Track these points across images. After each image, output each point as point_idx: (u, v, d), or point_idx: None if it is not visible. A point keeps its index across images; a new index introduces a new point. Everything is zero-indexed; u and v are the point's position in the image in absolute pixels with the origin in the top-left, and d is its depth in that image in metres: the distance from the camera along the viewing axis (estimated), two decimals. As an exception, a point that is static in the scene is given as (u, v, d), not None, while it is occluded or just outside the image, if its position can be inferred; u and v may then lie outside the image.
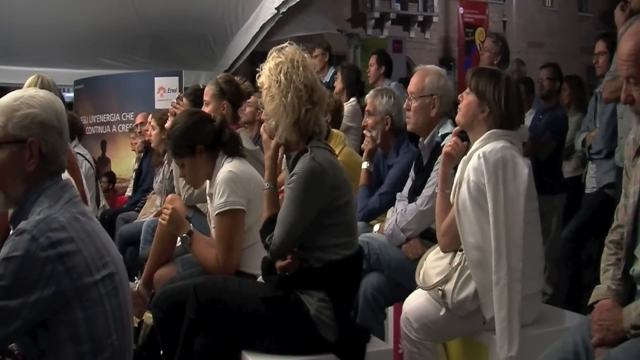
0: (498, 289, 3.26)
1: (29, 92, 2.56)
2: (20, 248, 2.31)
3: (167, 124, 5.64)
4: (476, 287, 3.37)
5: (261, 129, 3.66)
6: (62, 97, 4.68)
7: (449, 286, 3.44)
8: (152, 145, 7.00)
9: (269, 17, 11.11)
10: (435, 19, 22.23)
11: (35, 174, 2.50)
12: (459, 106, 3.65)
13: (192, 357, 3.42)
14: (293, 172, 3.29)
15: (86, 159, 6.98)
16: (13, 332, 2.32)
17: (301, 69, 3.34)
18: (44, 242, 2.32)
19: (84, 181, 5.44)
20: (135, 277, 4.69)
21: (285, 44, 3.46)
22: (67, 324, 2.38)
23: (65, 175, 3.77)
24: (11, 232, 2.47)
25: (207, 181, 4.17)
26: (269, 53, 3.45)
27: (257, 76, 3.45)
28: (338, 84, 7.78)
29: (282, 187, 3.62)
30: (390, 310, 4.13)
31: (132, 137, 8.90)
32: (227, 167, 3.99)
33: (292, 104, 3.32)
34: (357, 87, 7.88)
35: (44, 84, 4.86)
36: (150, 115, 7.25)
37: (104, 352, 2.46)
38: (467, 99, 3.57)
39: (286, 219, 3.28)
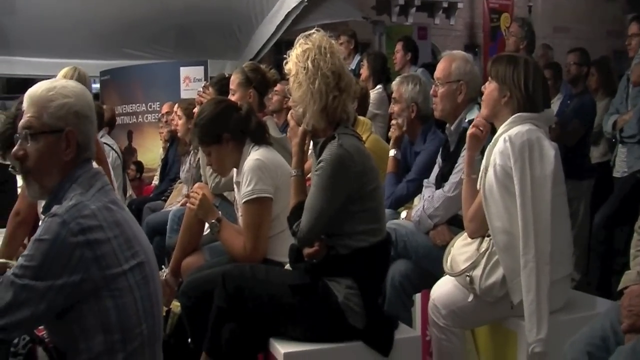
0: (526, 272, 3.24)
1: (60, 83, 2.58)
2: (51, 231, 2.35)
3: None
4: (504, 271, 3.35)
5: (288, 116, 3.66)
6: (90, 89, 4.70)
7: (477, 272, 3.43)
8: (179, 134, 7.02)
9: (294, 5, 11.14)
10: (460, 5, 22.04)
11: (70, 163, 2.54)
12: (482, 98, 3.63)
13: (220, 345, 3.42)
14: (320, 158, 3.29)
15: (113, 149, 7.03)
16: (40, 314, 2.35)
17: (328, 55, 3.33)
18: (74, 228, 2.35)
19: (111, 171, 5.47)
20: (163, 266, 4.71)
21: (312, 30, 3.45)
22: (97, 313, 2.41)
23: (94, 165, 3.82)
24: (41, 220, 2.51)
25: (234, 169, 4.17)
26: (296, 40, 3.44)
27: (284, 63, 3.44)
28: (364, 71, 7.76)
29: (309, 175, 3.63)
30: (417, 297, 4.12)
31: (160, 126, 8.95)
32: (254, 155, 3.99)
33: (320, 91, 3.31)
34: (383, 74, 7.86)
35: (80, 77, 4.88)
36: (177, 105, 7.27)
37: (134, 341, 2.48)
38: (488, 87, 3.56)
39: (314, 206, 3.28)
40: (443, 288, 3.63)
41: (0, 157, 4.77)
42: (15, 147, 2.56)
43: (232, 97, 5.04)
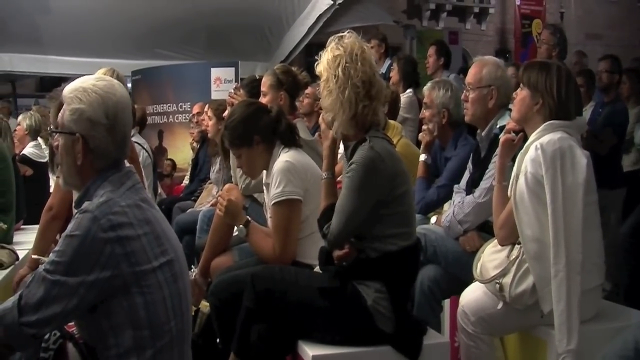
0: (557, 281, 3.22)
1: (87, 84, 2.58)
2: (82, 227, 2.37)
3: (225, 114, 5.68)
4: (534, 280, 3.33)
5: (320, 118, 3.66)
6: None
7: (507, 279, 3.41)
8: (209, 135, 7.04)
9: (325, 8, 11.15)
10: (491, 11, 21.97)
11: (86, 167, 2.55)
12: (513, 103, 3.62)
13: (248, 346, 3.44)
14: (352, 161, 3.28)
15: (144, 148, 7.05)
16: (71, 309, 2.37)
17: (359, 63, 3.31)
18: (104, 224, 2.37)
19: (142, 171, 5.51)
20: (192, 266, 4.73)
21: (345, 33, 3.43)
22: (126, 309, 2.42)
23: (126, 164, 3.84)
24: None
25: (264, 171, 4.18)
26: (329, 41, 3.42)
27: (315, 65, 3.43)
28: (394, 75, 7.75)
29: (340, 177, 3.63)
30: (446, 303, 4.11)
31: (191, 126, 9.00)
32: (284, 157, 4.00)
33: (350, 100, 3.31)
34: (413, 78, 7.84)
35: (117, 79, 4.89)
36: (207, 106, 7.29)
37: (163, 337, 2.49)
38: (520, 94, 3.54)
39: (344, 208, 3.28)
40: (472, 294, 3.62)
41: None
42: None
43: (263, 99, 5.05)
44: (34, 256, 5.31)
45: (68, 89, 2.58)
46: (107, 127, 2.53)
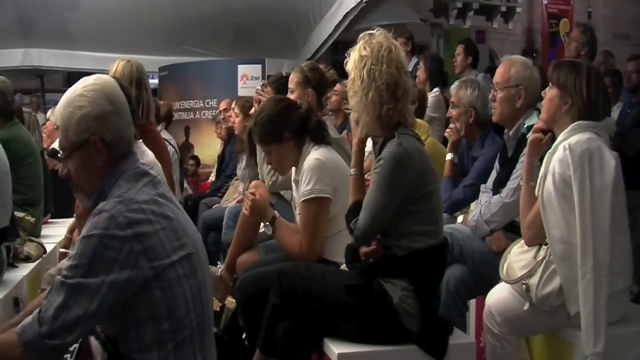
0: (584, 283, 3.20)
1: (76, 92, 2.57)
2: (99, 227, 2.36)
3: (252, 111, 5.69)
4: (561, 281, 3.31)
5: (351, 116, 3.65)
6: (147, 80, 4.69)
7: (534, 280, 3.39)
8: (236, 132, 7.05)
9: (352, 6, 11.13)
10: (518, 10, 21.78)
11: (107, 164, 2.55)
12: (542, 103, 3.60)
13: (274, 343, 3.45)
14: (380, 157, 3.28)
15: (170, 143, 7.09)
16: (93, 312, 2.35)
17: (385, 65, 3.29)
18: (122, 222, 2.36)
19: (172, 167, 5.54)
20: (218, 262, 4.75)
21: (376, 30, 3.42)
22: (147, 303, 2.42)
23: (151, 158, 3.85)
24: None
25: (293, 168, 4.19)
26: (359, 38, 3.41)
27: (344, 62, 3.43)
28: (421, 74, 7.74)
29: (368, 174, 3.63)
30: (472, 302, 4.10)
31: (215, 123, 9.02)
32: (314, 155, 4.00)
33: (373, 103, 3.31)
34: (440, 77, 7.83)
35: (138, 70, 4.88)
36: (234, 102, 7.31)
37: (184, 330, 2.50)
38: (549, 93, 3.51)
39: (372, 204, 3.28)
40: (499, 295, 3.61)
41: None
42: (60, 169, 2.62)
43: (291, 96, 5.05)
44: (61, 249, 5.39)
45: (59, 111, 2.57)
46: (115, 112, 2.54)
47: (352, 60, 3.38)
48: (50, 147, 7.64)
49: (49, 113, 8.38)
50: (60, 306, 2.32)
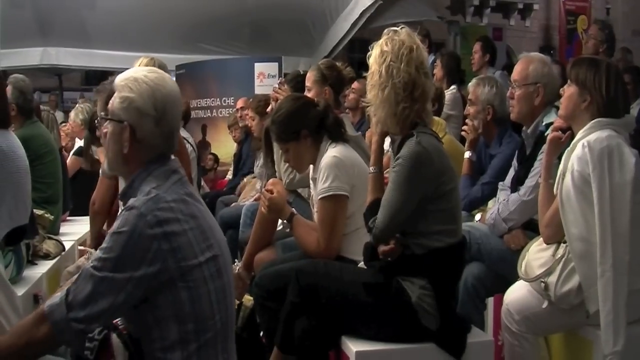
0: (603, 282, 3.18)
1: (139, 74, 2.59)
2: (128, 223, 2.38)
3: (269, 109, 5.70)
4: (580, 279, 3.30)
5: (368, 108, 3.64)
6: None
7: (552, 278, 3.38)
8: (255, 134, 7.05)
9: (369, 4, 11.14)
10: (535, 7, 21.68)
11: (132, 157, 2.56)
12: (561, 100, 3.58)
13: (292, 341, 3.45)
14: (398, 155, 3.27)
15: (188, 142, 7.09)
16: (119, 305, 2.39)
17: (404, 63, 3.27)
18: (151, 220, 2.38)
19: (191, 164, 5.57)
20: (236, 260, 4.76)
21: (400, 27, 3.40)
22: (172, 304, 2.44)
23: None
24: (120, 208, 2.56)
25: (311, 165, 4.19)
26: (383, 33, 3.39)
27: (367, 55, 3.42)
28: (438, 72, 7.72)
29: (386, 171, 3.62)
30: (490, 301, 4.09)
31: (228, 126, 9.07)
32: (332, 153, 3.99)
33: (389, 100, 3.29)
34: (457, 74, 7.81)
35: (161, 68, 4.90)
36: (248, 103, 7.34)
37: (207, 332, 2.50)
38: (568, 91, 3.49)
39: (390, 203, 3.27)
40: (517, 293, 3.59)
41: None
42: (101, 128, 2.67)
43: (308, 94, 5.05)
44: (80, 247, 5.42)
45: (120, 78, 2.59)
46: (155, 119, 2.53)
47: (374, 54, 3.37)
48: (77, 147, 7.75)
49: (72, 114, 8.42)
50: (88, 296, 2.37)
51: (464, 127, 5.04)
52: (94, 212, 4.96)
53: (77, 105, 8.60)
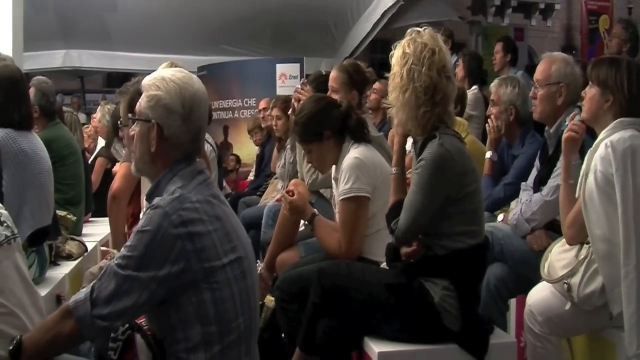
0: (627, 283, 3.14)
1: (166, 74, 2.61)
2: (153, 223, 2.40)
3: (290, 111, 5.70)
4: (603, 281, 3.26)
5: (389, 110, 3.63)
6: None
7: (575, 280, 3.35)
8: (277, 134, 7.05)
9: (391, 4, 11.12)
10: (557, 7, 21.60)
11: (159, 156, 2.58)
12: (583, 103, 3.55)
13: (314, 341, 3.46)
14: (421, 157, 3.26)
15: (208, 142, 7.13)
16: (141, 304, 2.41)
17: (425, 67, 3.25)
18: (175, 220, 2.40)
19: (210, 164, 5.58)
20: (258, 260, 4.76)
21: (423, 28, 3.37)
22: (195, 305, 2.45)
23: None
24: (145, 207, 2.57)
25: (333, 166, 4.19)
26: (407, 32, 3.38)
27: (390, 55, 3.41)
28: (459, 72, 7.70)
29: (409, 171, 3.61)
30: (513, 302, 4.08)
31: (248, 131, 9.10)
32: (353, 154, 3.99)
33: (410, 102, 3.28)
34: (478, 74, 7.80)
35: None
36: (272, 103, 7.33)
37: (231, 334, 2.51)
38: (589, 93, 3.45)
39: (412, 205, 3.26)
40: (540, 294, 3.57)
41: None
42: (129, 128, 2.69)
43: (334, 96, 5.02)
44: (102, 248, 5.44)
45: (147, 78, 2.62)
46: (182, 117, 2.54)
47: (396, 55, 3.35)
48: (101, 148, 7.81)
49: (98, 114, 8.47)
50: (112, 294, 2.40)
51: (488, 125, 5.01)
52: (111, 197, 4.96)
53: (102, 106, 8.64)
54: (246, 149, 10.69)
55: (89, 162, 7.46)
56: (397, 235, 3.34)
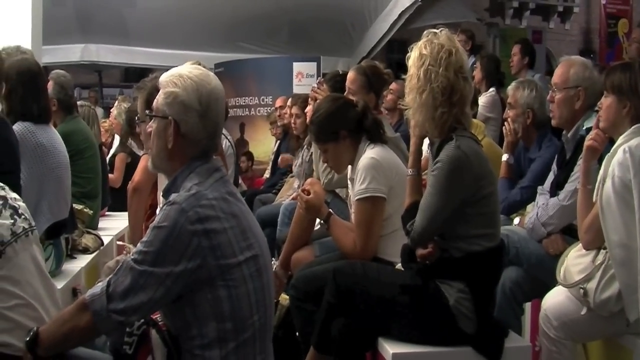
0: None
1: (183, 70, 2.62)
2: (169, 219, 2.41)
3: (307, 109, 5.70)
4: (620, 287, 3.23)
5: (406, 111, 3.63)
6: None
7: (592, 285, 3.33)
8: (295, 132, 7.05)
9: (408, 5, 11.08)
10: (575, 10, 21.59)
11: (176, 152, 2.59)
12: (599, 113, 3.52)
13: (328, 341, 3.46)
14: (437, 159, 3.26)
15: (227, 138, 7.15)
16: (157, 299, 2.42)
17: (442, 68, 3.24)
18: (192, 216, 2.41)
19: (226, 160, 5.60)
20: (273, 258, 4.77)
21: (440, 30, 3.36)
22: (211, 302, 2.45)
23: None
24: (161, 204, 2.58)
25: (349, 166, 4.19)
26: (424, 34, 3.37)
27: (407, 56, 3.40)
28: (477, 74, 7.67)
29: (425, 172, 3.60)
30: (528, 306, 4.06)
31: (270, 123, 9.08)
32: (369, 154, 3.99)
33: (427, 104, 3.27)
34: (496, 77, 7.76)
35: None
36: (290, 101, 7.33)
37: (246, 331, 2.52)
38: (605, 102, 3.43)
39: (428, 207, 3.26)
40: (555, 298, 3.55)
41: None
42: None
43: (351, 97, 5.02)
44: (119, 242, 5.47)
45: (165, 75, 2.63)
46: (199, 113, 2.55)
47: (413, 56, 3.35)
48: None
49: (114, 111, 8.51)
50: (128, 289, 2.41)
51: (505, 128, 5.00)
52: (132, 189, 4.98)
53: (119, 103, 8.68)
54: (262, 146, 10.71)
55: (107, 157, 7.50)
56: (413, 236, 3.34)
